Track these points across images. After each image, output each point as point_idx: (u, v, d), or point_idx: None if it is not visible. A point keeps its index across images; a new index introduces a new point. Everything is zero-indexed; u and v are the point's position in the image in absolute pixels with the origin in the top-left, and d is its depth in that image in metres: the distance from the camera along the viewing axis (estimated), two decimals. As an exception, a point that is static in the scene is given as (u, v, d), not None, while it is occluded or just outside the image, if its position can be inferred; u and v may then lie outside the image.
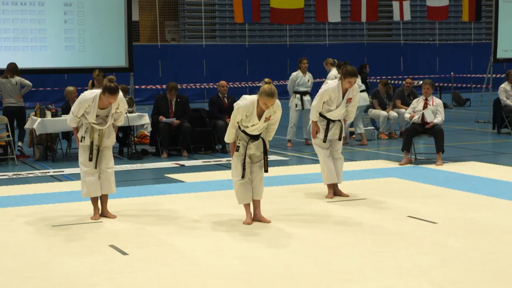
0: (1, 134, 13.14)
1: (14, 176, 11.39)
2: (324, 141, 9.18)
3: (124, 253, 6.67)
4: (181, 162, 12.64)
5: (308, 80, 14.84)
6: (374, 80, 24.14)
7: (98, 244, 7.04)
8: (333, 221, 7.97)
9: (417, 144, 12.98)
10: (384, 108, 15.83)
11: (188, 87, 25.69)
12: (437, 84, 24.59)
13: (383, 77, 24.99)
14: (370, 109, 16.00)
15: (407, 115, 12.25)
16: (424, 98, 12.02)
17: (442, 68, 31.46)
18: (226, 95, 14.34)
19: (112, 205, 8.50)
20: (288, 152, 13.76)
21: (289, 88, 14.82)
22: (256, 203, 7.97)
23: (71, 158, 13.20)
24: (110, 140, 8.32)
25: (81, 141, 8.15)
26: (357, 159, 12.49)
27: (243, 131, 7.78)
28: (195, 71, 28.36)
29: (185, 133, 13.51)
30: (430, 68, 31.96)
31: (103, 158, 8.27)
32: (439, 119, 11.89)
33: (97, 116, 8.07)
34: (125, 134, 13.71)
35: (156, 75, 27.55)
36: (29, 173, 11.66)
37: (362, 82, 18.49)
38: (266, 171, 7.89)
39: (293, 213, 8.35)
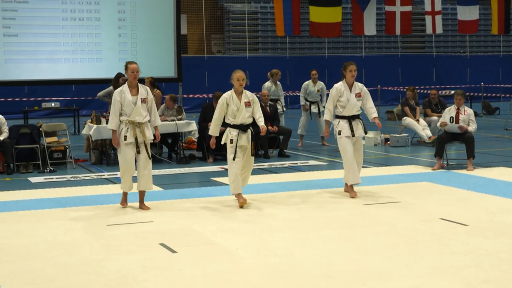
0: (61, 139, 13.28)
1: (72, 179, 11.52)
2: (353, 135, 9.34)
3: (173, 251, 6.70)
4: (226, 167, 12.62)
5: (318, 90, 15.26)
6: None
7: (148, 243, 7.07)
8: (369, 223, 7.91)
9: (449, 150, 12.84)
10: (414, 114, 15.69)
11: (233, 96, 25.73)
12: (468, 93, 24.31)
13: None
14: (404, 117, 15.83)
15: (438, 124, 12.12)
16: (456, 107, 11.88)
17: (473, 78, 31.11)
18: (268, 103, 14.32)
19: (161, 206, 8.58)
20: (324, 157, 13.70)
21: (301, 95, 15.66)
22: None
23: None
24: (150, 134, 8.79)
25: (124, 139, 8.63)
26: (392, 164, 12.38)
27: (233, 126, 8.75)
28: (239, 82, 28.40)
29: (229, 139, 13.51)
30: (461, 79, 31.61)
31: (142, 157, 8.70)
32: (473, 127, 11.77)
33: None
34: (174, 140, 13.78)
35: (203, 85, 27.67)
36: (85, 176, 11.77)
37: None
38: (252, 155, 8.94)
39: (330, 215, 8.30)
